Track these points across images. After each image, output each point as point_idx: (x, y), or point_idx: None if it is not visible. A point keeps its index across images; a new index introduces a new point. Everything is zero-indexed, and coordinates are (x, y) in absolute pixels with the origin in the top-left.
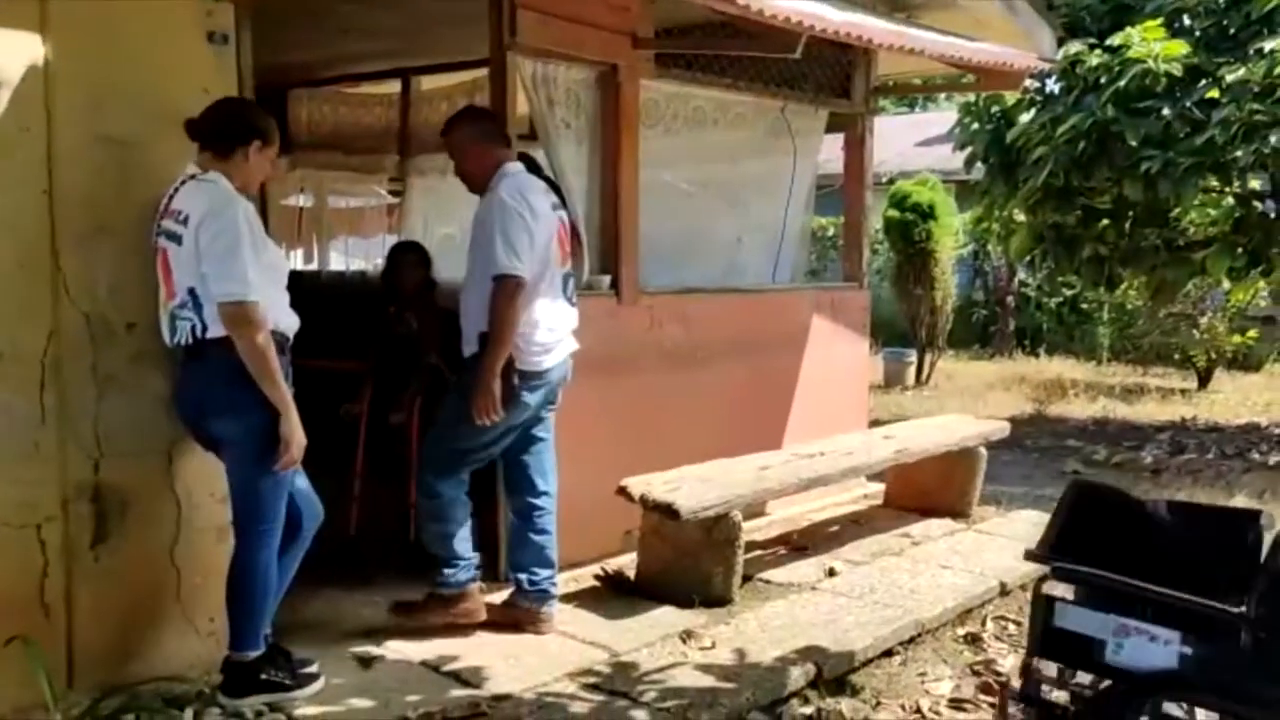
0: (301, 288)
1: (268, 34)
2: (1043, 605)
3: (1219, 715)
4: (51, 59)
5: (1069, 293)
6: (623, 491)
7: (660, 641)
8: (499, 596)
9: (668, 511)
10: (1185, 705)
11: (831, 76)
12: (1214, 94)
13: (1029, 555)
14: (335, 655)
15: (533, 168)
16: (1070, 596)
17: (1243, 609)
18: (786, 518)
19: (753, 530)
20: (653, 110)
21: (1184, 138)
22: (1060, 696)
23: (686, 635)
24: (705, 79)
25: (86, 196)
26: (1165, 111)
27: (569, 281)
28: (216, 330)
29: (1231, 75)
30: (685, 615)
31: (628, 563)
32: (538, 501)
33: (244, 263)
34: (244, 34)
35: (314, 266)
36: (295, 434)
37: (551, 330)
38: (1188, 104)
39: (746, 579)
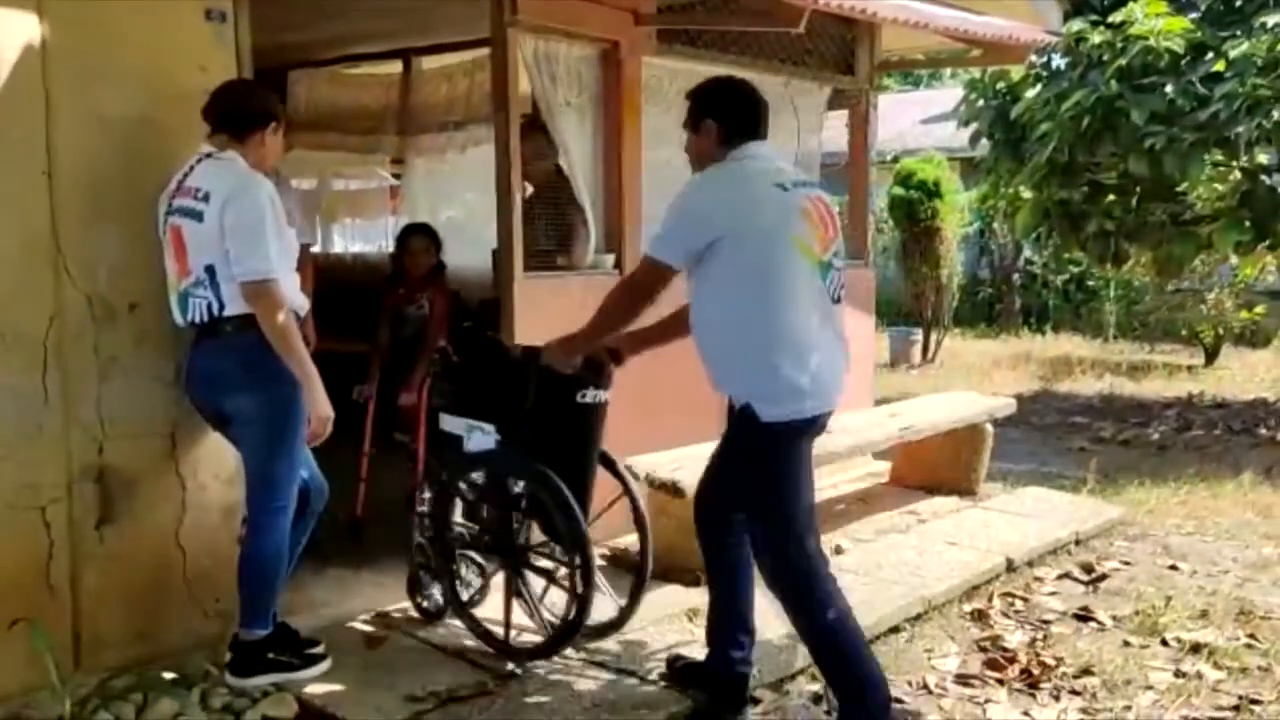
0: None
1: (268, 14)
2: (431, 414)
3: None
4: (48, 38)
5: (1075, 270)
6: (627, 470)
7: (666, 619)
8: None
9: (673, 490)
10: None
11: (835, 52)
12: (1219, 68)
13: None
14: (342, 635)
15: (535, 126)
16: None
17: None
18: None
19: None
20: (656, 88)
21: (1188, 113)
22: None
23: (692, 614)
24: (708, 55)
25: (86, 176)
26: (1169, 88)
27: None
28: (233, 308)
29: (1235, 50)
30: (691, 594)
31: (633, 543)
32: None
33: (268, 241)
34: (242, 12)
35: (315, 249)
36: (321, 407)
37: None
38: (1192, 79)
39: None
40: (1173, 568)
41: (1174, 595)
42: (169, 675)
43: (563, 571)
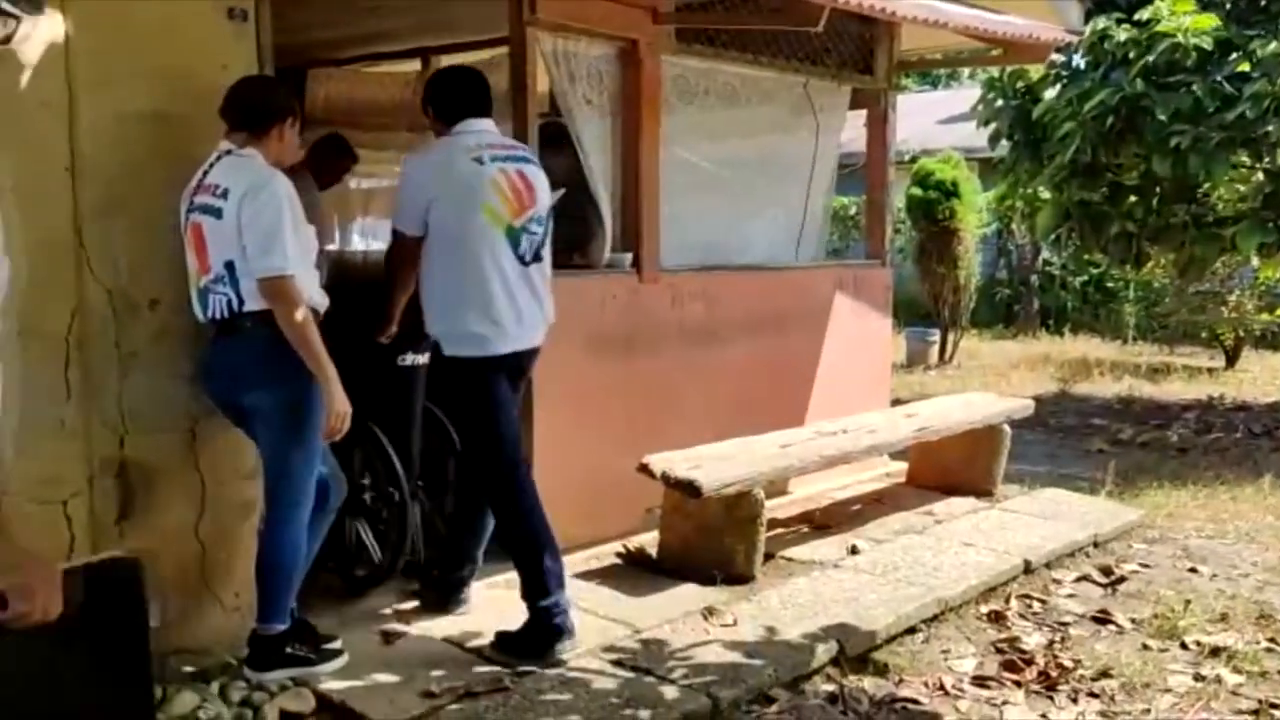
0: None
1: (289, 13)
2: None
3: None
4: (71, 35)
5: (1094, 271)
6: (644, 469)
7: (682, 618)
8: None
9: (689, 489)
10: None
11: (854, 51)
12: (1245, 68)
13: None
14: (358, 631)
15: (553, 124)
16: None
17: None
18: (808, 496)
19: (775, 508)
20: (682, 86)
21: (1214, 112)
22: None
23: (709, 612)
24: (727, 54)
25: (108, 173)
26: (1195, 86)
27: None
28: (253, 304)
29: (1263, 49)
30: (707, 592)
31: (649, 541)
32: None
33: (285, 238)
34: (263, 11)
35: (334, 246)
36: (338, 402)
37: None
38: (1218, 78)
39: (768, 557)
40: (1192, 571)
41: (1193, 598)
42: (188, 669)
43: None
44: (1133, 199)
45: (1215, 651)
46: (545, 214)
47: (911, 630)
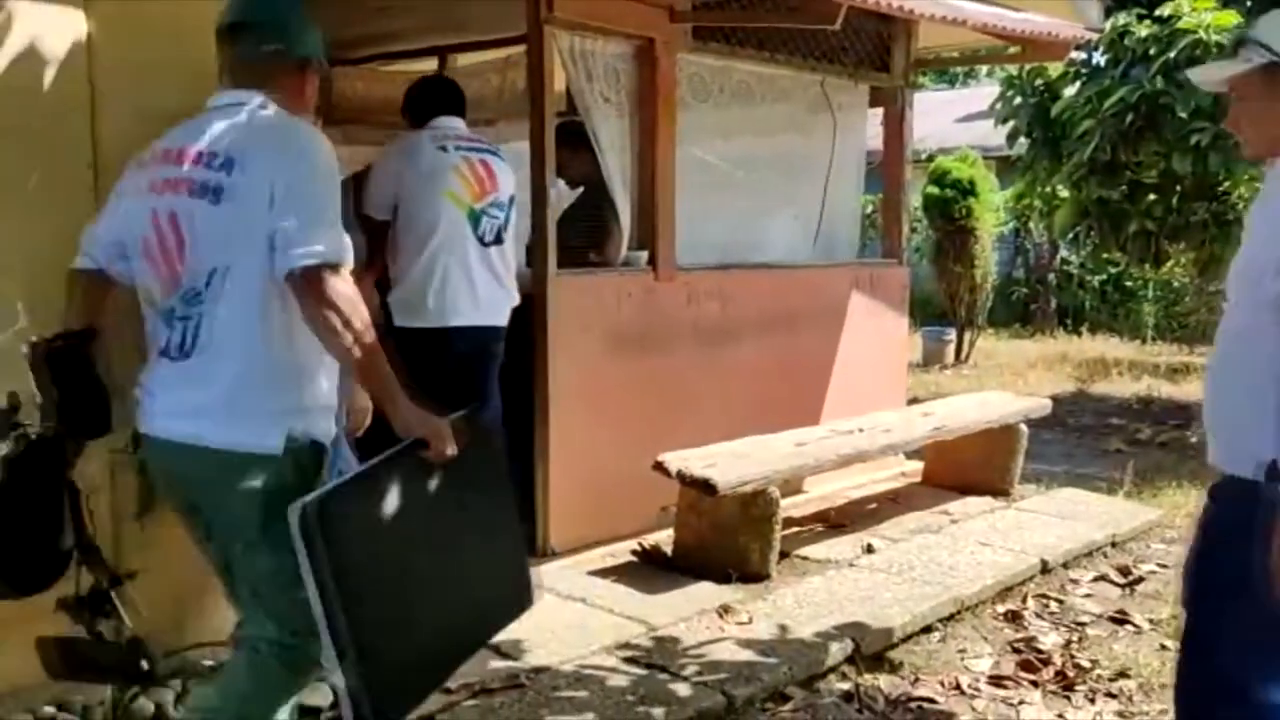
0: None
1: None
2: None
3: None
4: (93, 33)
5: (1113, 270)
6: (659, 467)
7: (697, 616)
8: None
9: (704, 487)
10: None
11: (871, 49)
12: None
13: None
14: None
15: (570, 123)
16: None
17: None
18: (824, 495)
19: (790, 507)
20: (697, 85)
21: None
22: None
23: (724, 610)
24: (743, 53)
25: None
26: None
27: None
28: None
29: None
30: (722, 591)
31: (664, 539)
32: None
33: None
34: None
35: None
36: (359, 398)
37: None
38: None
39: (784, 555)
40: None
41: None
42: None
43: None
44: (1152, 197)
45: None
46: (507, 200)
47: (927, 629)
